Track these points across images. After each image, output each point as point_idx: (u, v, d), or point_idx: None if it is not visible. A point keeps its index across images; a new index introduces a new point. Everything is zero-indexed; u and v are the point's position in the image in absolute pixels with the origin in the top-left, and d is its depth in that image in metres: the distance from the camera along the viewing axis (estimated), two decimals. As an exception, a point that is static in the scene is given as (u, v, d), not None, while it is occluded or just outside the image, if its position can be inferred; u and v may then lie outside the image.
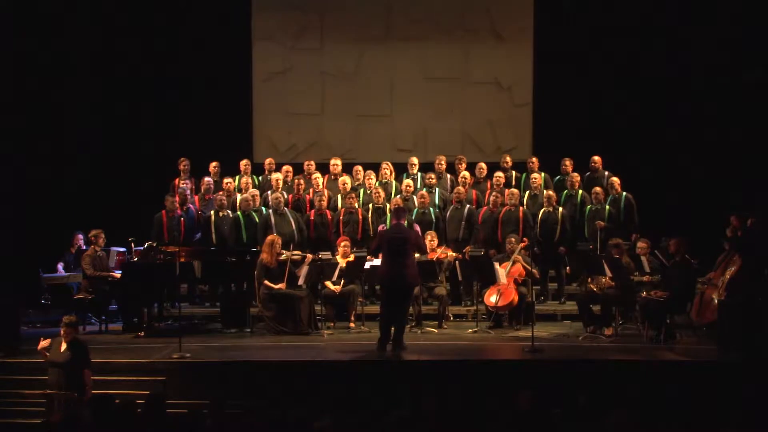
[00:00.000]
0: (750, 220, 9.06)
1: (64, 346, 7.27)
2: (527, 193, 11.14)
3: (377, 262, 9.07)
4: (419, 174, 11.59)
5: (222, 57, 12.86)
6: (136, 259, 10.08)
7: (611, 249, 9.45)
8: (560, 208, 10.76)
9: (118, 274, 9.99)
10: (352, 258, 9.89)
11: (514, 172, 11.60)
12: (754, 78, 12.09)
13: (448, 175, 11.60)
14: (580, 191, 11.07)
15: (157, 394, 6.20)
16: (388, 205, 10.82)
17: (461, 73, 13.22)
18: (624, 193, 10.83)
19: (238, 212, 10.72)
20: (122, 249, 10.64)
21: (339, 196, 11.05)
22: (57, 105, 12.53)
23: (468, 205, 10.84)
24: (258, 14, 13.25)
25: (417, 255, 8.91)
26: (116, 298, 10.21)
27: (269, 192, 11.15)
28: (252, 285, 9.78)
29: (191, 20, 12.86)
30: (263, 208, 10.85)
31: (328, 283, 9.78)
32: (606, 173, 11.33)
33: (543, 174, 11.32)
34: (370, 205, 10.85)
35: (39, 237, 11.63)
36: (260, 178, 11.78)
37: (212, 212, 10.84)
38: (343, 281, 9.81)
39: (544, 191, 10.94)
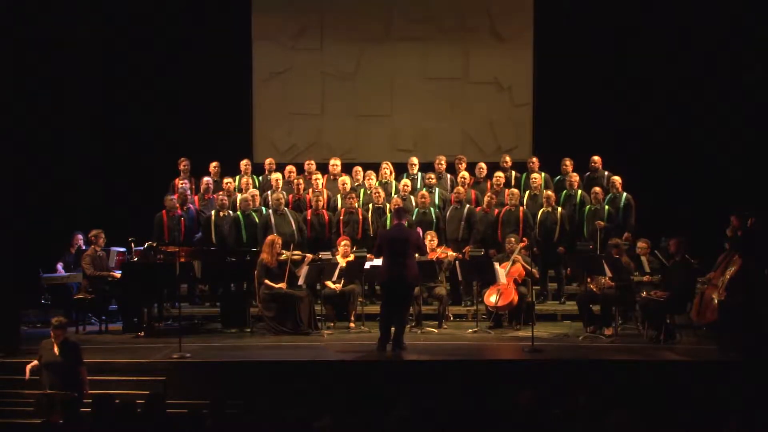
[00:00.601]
0: (750, 220, 9.05)
1: (56, 348, 7.28)
2: (527, 193, 11.14)
3: (377, 262, 9.07)
4: (419, 174, 11.59)
5: (222, 57, 12.86)
6: (136, 259, 10.08)
7: (611, 249, 9.45)
8: (559, 208, 10.76)
9: (118, 274, 10.00)
10: (352, 258, 9.89)
11: (513, 172, 11.60)
12: (754, 78, 12.09)
13: (448, 175, 11.60)
14: (580, 191, 11.07)
15: (157, 394, 6.20)
16: (388, 205, 10.82)
17: (461, 73, 13.22)
18: (624, 194, 10.84)
19: (238, 212, 10.72)
20: (122, 249, 10.64)
21: (339, 197, 11.05)
22: (57, 105, 12.52)
23: (468, 205, 10.83)
24: (258, 14, 13.24)
25: (417, 255, 8.91)
26: (116, 298, 10.22)
27: (269, 192, 11.16)
28: (252, 285, 9.79)
29: (191, 20, 12.86)
30: (263, 208, 10.86)
31: (329, 283, 9.79)
32: (606, 173, 11.34)
33: (543, 174, 11.32)
34: (370, 205, 10.85)
35: (39, 237, 11.62)
36: (260, 178, 11.79)
37: (213, 212, 10.85)
38: (343, 281, 9.81)
39: (544, 191, 10.94)
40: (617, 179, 10.94)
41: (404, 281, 8.52)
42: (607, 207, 10.73)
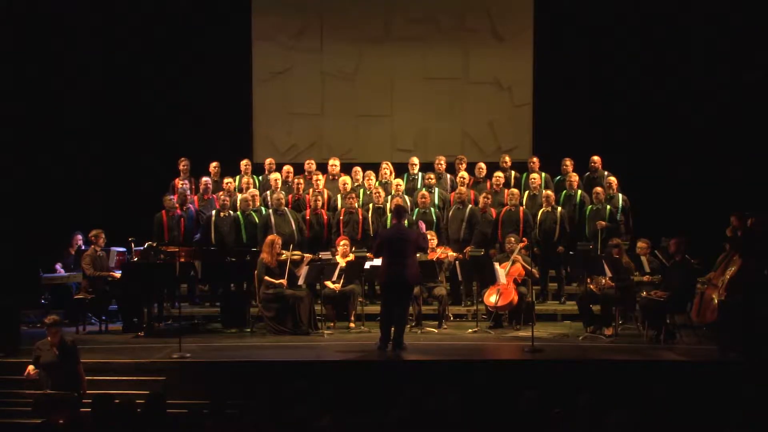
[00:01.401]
0: (750, 220, 9.05)
1: (54, 349, 7.28)
2: (527, 193, 11.14)
3: (377, 262, 9.06)
4: (419, 174, 11.59)
5: (222, 57, 12.86)
6: (136, 259, 10.08)
7: (611, 249, 9.45)
8: (559, 208, 10.76)
9: (118, 274, 10.00)
10: (351, 257, 9.89)
11: (513, 172, 11.60)
12: (754, 78, 12.09)
13: (448, 175, 11.60)
14: (579, 191, 11.07)
15: (157, 394, 6.20)
16: (388, 205, 10.82)
17: (461, 73, 13.22)
18: (620, 195, 10.83)
19: (238, 212, 10.72)
20: (122, 249, 10.65)
21: (339, 196, 11.06)
22: (57, 104, 12.53)
23: (470, 206, 10.83)
24: (258, 14, 13.25)
25: (417, 255, 8.90)
26: (116, 298, 10.21)
27: (269, 192, 11.15)
28: (252, 285, 9.79)
29: (191, 20, 12.85)
30: (263, 208, 10.86)
31: (329, 283, 9.79)
32: (606, 173, 11.33)
33: (543, 174, 11.32)
34: (370, 205, 10.85)
35: (39, 237, 11.62)
36: (260, 178, 11.78)
37: (213, 212, 10.84)
38: (342, 280, 9.81)
39: (543, 191, 10.93)
40: (613, 180, 10.94)
41: (404, 281, 8.52)
42: (608, 207, 10.72)
